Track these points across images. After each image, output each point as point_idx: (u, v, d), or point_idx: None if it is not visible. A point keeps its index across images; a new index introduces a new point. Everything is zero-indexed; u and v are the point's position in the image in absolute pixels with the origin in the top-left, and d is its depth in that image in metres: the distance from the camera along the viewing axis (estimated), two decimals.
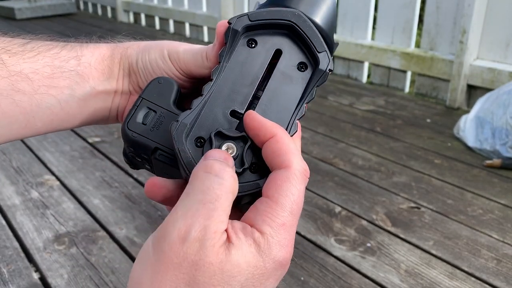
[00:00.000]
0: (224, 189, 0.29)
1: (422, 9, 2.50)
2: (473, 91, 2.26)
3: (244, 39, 0.37)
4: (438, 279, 1.15)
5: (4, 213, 1.45)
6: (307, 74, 0.37)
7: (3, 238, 1.33)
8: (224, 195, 0.29)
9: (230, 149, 0.33)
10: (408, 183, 1.60)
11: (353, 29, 2.72)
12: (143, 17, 4.50)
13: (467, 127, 1.86)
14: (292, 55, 0.37)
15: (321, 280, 1.16)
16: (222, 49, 0.37)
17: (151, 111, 0.38)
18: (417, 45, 2.56)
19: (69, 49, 0.41)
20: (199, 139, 0.34)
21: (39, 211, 1.46)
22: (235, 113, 0.36)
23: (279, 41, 0.38)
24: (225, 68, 0.37)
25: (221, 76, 0.36)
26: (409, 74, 2.54)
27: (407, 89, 2.58)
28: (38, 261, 1.23)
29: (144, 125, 0.37)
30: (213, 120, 0.35)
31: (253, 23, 0.37)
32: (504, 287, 1.13)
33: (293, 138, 0.36)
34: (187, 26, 3.98)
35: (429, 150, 1.84)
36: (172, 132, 0.33)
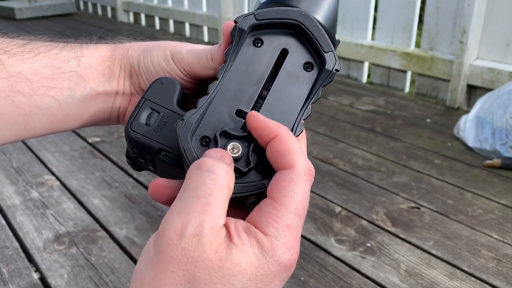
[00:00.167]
0: (216, 183, 0.29)
1: (422, 9, 2.50)
2: (473, 91, 2.26)
3: (250, 39, 0.37)
4: (438, 279, 1.15)
5: (4, 213, 1.45)
6: (313, 74, 0.37)
7: (3, 238, 1.33)
8: (217, 190, 0.28)
9: (235, 149, 0.33)
10: (408, 183, 1.60)
11: (353, 29, 2.72)
12: (143, 17, 4.50)
13: (467, 127, 1.86)
14: (298, 55, 0.37)
15: (321, 280, 1.16)
16: (228, 48, 0.37)
17: (154, 112, 0.37)
18: (417, 45, 2.56)
19: (69, 49, 0.41)
20: (205, 139, 0.34)
21: (39, 211, 1.46)
22: (240, 113, 0.35)
23: (285, 41, 0.37)
24: (231, 67, 0.36)
25: (227, 75, 0.36)
26: (409, 74, 2.54)
27: (407, 89, 2.58)
28: (38, 261, 1.23)
29: (147, 126, 0.37)
30: (218, 119, 0.35)
31: (260, 22, 0.37)
32: (504, 287, 1.13)
33: (298, 138, 0.36)
34: (187, 26, 3.98)
35: (429, 150, 1.84)
36: (177, 131, 0.33)
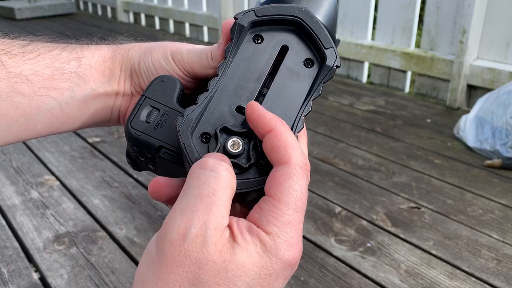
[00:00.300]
0: (220, 182, 0.28)
1: (422, 9, 2.50)
2: (473, 91, 2.26)
3: (250, 35, 0.37)
4: (438, 279, 1.15)
5: (4, 213, 1.45)
6: (313, 70, 0.37)
7: (3, 238, 1.33)
8: (221, 189, 0.28)
9: (236, 145, 0.33)
10: (408, 183, 1.60)
11: (353, 29, 2.72)
12: (143, 17, 4.49)
13: (467, 127, 1.86)
14: (298, 52, 0.37)
15: (321, 280, 1.16)
16: (228, 45, 0.37)
17: (154, 110, 0.37)
18: (417, 45, 2.56)
19: (69, 50, 0.41)
20: (205, 135, 0.34)
21: (39, 211, 1.46)
22: (241, 109, 0.35)
23: (285, 37, 0.37)
24: (231, 63, 0.36)
25: (227, 71, 0.36)
26: (409, 74, 2.54)
27: (407, 89, 2.58)
28: (38, 261, 1.23)
29: (147, 123, 0.37)
30: (219, 115, 0.35)
31: (260, 18, 0.37)
32: (504, 287, 1.13)
33: (299, 134, 0.36)
34: (187, 26, 3.98)
35: (429, 150, 1.84)
36: (177, 127, 0.33)
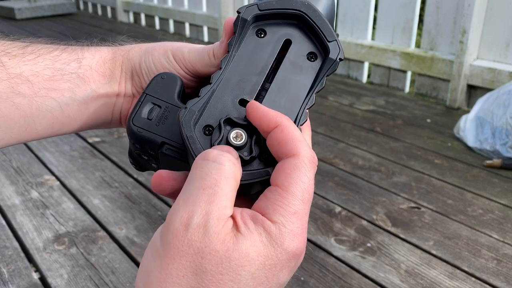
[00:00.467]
0: (222, 174, 0.28)
1: (422, 9, 2.50)
2: (473, 91, 2.26)
3: (253, 29, 0.37)
4: (438, 279, 1.15)
5: (4, 213, 1.45)
6: (317, 64, 0.37)
7: (3, 238, 1.33)
8: (223, 180, 0.28)
9: (239, 137, 0.33)
10: (408, 183, 1.60)
11: (353, 29, 2.72)
12: (143, 17, 4.49)
13: (467, 127, 1.86)
14: (301, 45, 0.37)
15: (321, 280, 1.16)
16: (231, 39, 0.37)
17: (155, 106, 0.37)
18: (417, 45, 2.56)
19: (70, 51, 0.41)
20: (208, 127, 0.34)
21: (39, 211, 1.46)
22: (244, 102, 0.35)
23: (288, 31, 0.37)
24: (234, 57, 0.36)
25: (230, 65, 0.36)
26: (409, 74, 2.54)
27: (407, 89, 2.58)
28: (38, 261, 1.23)
29: (149, 120, 0.37)
30: (221, 108, 0.35)
31: (263, 12, 0.37)
32: (504, 287, 1.13)
33: (303, 127, 0.36)
34: (187, 26, 3.98)
35: (429, 150, 1.84)
36: (180, 118, 0.33)
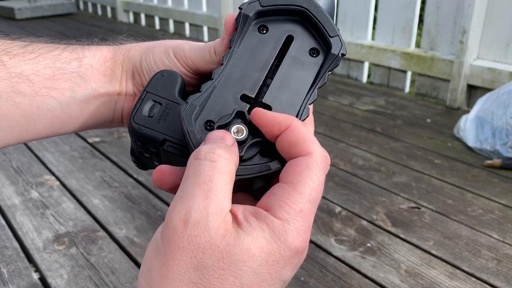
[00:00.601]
0: (215, 169, 0.28)
1: (422, 9, 2.50)
2: (473, 91, 2.26)
3: (255, 25, 0.37)
4: (438, 279, 1.15)
5: (4, 213, 1.45)
6: (319, 59, 0.37)
7: (3, 238, 1.33)
8: (216, 175, 0.28)
9: (240, 131, 0.33)
10: (408, 183, 1.60)
11: (353, 29, 2.72)
12: (143, 17, 4.49)
13: (467, 127, 1.86)
14: (303, 41, 0.37)
15: (321, 280, 1.16)
16: (233, 35, 0.37)
17: (156, 104, 0.37)
18: (417, 45, 2.56)
19: (70, 50, 0.41)
20: (209, 123, 0.34)
21: (39, 211, 1.46)
22: (245, 98, 0.35)
23: (290, 27, 0.37)
24: (236, 53, 0.36)
25: (231, 60, 0.36)
26: (409, 74, 2.54)
27: (407, 89, 2.58)
28: (38, 261, 1.23)
29: (150, 117, 0.37)
30: (223, 103, 0.35)
31: (264, 8, 0.37)
32: (504, 287, 1.13)
33: (305, 122, 0.36)
34: (187, 26, 3.98)
35: (429, 150, 1.84)
36: (181, 113, 0.33)
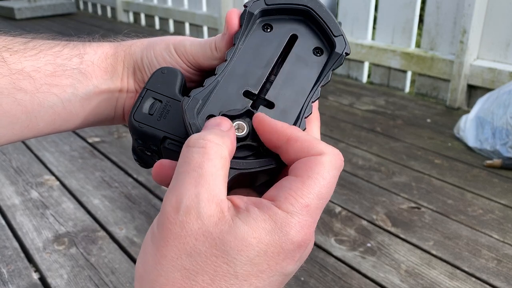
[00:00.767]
0: (204, 155, 0.28)
1: (422, 9, 2.50)
2: (473, 91, 2.26)
3: (259, 24, 0.38)
4: (438, 279, 1.15)
5: (4, 213, 1.45)
6: (323, 58, 0.37)
7: (2, 238, 1.33)
8: (206, 161, 0.28)
9: (240, 128, 0.33)
10: (408, 183, 1.59)
11: (353, 29, 2.72)
12: (143, 17, 4.49)
13: (467, 127, 1.86)
14: (307, 40, 0.37)
15: (321, 280, 1.16)
16: (237, 32, 0.37)
17: (156, 101, 0.37)
18: (417, 45, 2.56)
19: (71, 47, 0.41)
20: (211, 117, 0.34)
21: (38, 211, 1.45)
22: (248, 94, 0.35)
23: (294, 26, 0.38)
24: (240, 50, 0.36)
25: (235, 57, 0.36)
26: (409, 74, 2.54)
27: (407, 89, 2.58)
28: (37, 261, 1.23)
29: (150, 115, 0.37)
30: (226, 99, 0.35)
31: (269, 7, 0.37)
32: (504, 287, 1.13)
33: (310, 119, 0.36)
34: (187, 26, 3.98)
35: (429, 150, 1.83)
36: (183, 106, 0.33)
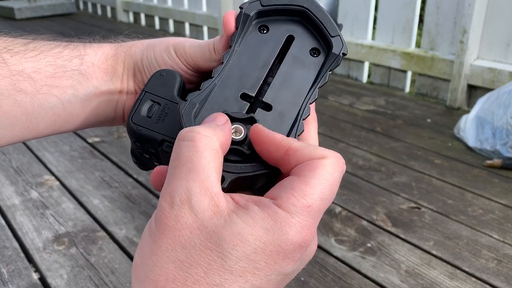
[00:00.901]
0: (194, 148, 0.28)
1: (422, 9, 2.50)
2: (474, 91, 2.26)
3: (255, 25, 0.37)
4: (438, 280, 1.15)
5: (3, 213, 1.45)
6: (320, 59, 0.37)
7: (2, 238, 1.33)
8: (195, 155, 0.27)
9: (238, 132, 0.33)
10: (408, 183, 1.59)
11: (353, 29, 2.72)
12: (143, 17, 4.49)
13: (468, 127, 1.86)
14: (304, 41, 0.37)
15: (321, 280, 1.16)
16: (233, 34, 0.37)
17: (155, 104, 0.37)
18: (418, 45, 2.56)
19: (72, 48, 0.41)
20: None
21: (38, 211, 1.45)
22: (245, 96, 0.35)
23: (291, 27, 0.37)
24: (236, 52, 0.36)
25: (232, 59, 0.36)
26: (409, 74, 2.54)
27: (408, 89, 2.58)
28: (37, 261, 1.23)
29: (149, 118, 0.37)
30: (223, 102, 0.35)
31: (265, 8, 0.37)
32: (504, 287, 1.13)
33: (308, 121, 0.36)
34: (187, 26, 3.98)
35: (430, 150, 1.83)
36: (180, 110, 0.33)
